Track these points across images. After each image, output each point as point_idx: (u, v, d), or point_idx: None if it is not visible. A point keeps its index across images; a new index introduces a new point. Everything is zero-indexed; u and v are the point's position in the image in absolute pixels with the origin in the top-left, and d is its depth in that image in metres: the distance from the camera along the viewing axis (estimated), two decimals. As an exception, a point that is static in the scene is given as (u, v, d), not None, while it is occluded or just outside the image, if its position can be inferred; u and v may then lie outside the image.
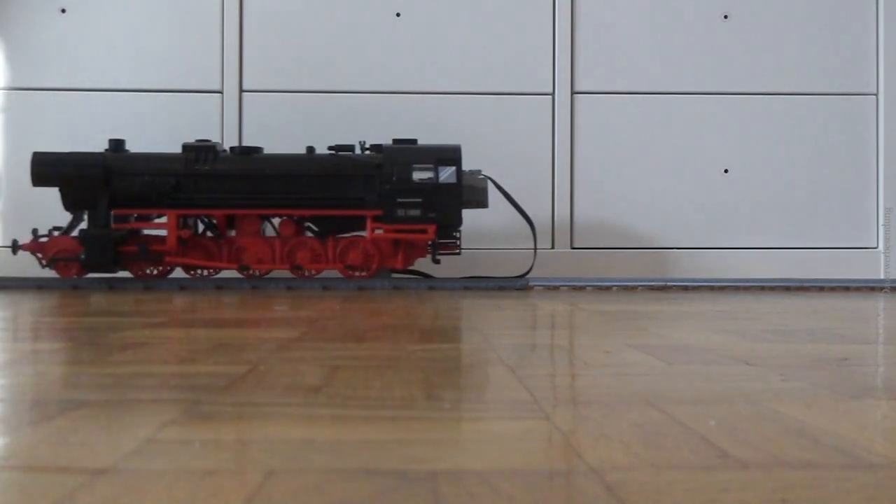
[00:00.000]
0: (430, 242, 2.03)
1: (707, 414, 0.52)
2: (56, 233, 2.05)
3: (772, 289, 2.09)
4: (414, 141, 2.05)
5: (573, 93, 2.36)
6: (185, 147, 2.03)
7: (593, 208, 2.35)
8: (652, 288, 2.08)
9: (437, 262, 2.05)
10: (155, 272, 2.07)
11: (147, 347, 0.86)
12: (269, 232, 2.17)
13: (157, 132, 2.33)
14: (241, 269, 2.05)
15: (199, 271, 2.10)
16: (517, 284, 2.06)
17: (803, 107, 2.39)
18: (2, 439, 0.45)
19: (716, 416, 0.52)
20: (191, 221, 2.09)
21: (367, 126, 2.34)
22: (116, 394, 0.59)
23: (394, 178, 1.98)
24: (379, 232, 2.01)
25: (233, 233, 2.09)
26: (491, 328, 1.07)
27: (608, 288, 2.11)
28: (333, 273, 2.15)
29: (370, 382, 0.64)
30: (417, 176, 1.98)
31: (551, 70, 2.36)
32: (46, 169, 2.00)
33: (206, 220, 2.10)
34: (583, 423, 0.50)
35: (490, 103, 2.35)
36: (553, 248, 2.34)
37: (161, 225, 2.03)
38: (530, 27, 2.36)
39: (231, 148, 2.06)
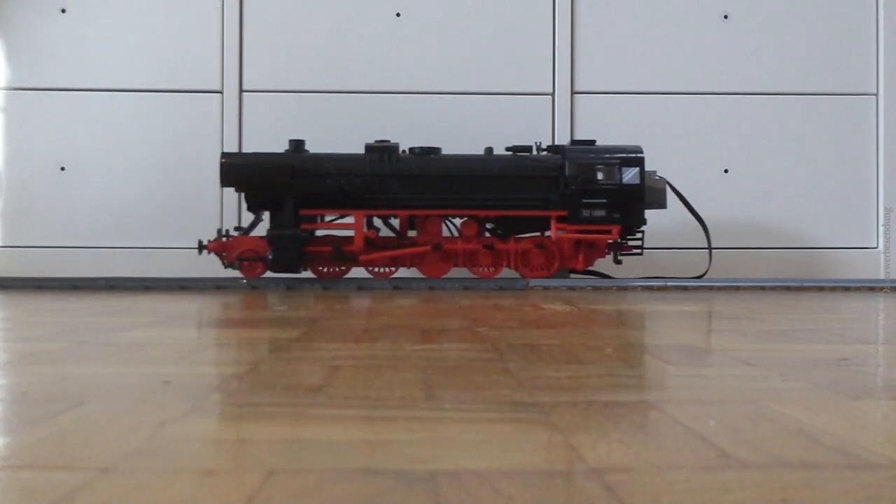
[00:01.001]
0: (611, 243, 2.05)
1: (707, 414, 0.52)
2: (236, 233, 2.06)
3: (772, 289, 2.09)
4: (592, 142, 2.07)
5: (573, 93, 2.36)
6: (369, 148, 2.05)
7: (593, 208, 2.35)
8: (650, 288, 2.08)
9: (618, 262, 2.08)
10: (335, 272, 2.09)
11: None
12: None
13: (156, 132, 2.33)
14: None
15: (381, 269, 2.11)
16: (517, 285, 2.06)
17: (803, 107, 2.39)
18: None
19: (715, 416, 0.52)
20: (374, 222, 2.11)
21: (367, 126, 2.34)
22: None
23: (578, 179, 2.00)
24: (561, 232, 2.03)
25: (412, 233, 2.12)
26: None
27: (608, 288, 2.11)
28: (510, 273, 2.18)
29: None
30: (601, 177, 2.01)
31: (551, 70, 2.36)
32: (235, 170, 2.01)
33: (386, 220, 2.12)
34: (583, 423, 0.50)
35: (490, 103, 2.36)
36: (553, 248, 2.34)
37: (345, 225, 2.04)
38: (530, 27, 2.36)
39: (410, 149, 2.08)
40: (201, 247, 2.03)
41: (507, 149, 2.08)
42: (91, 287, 2.03)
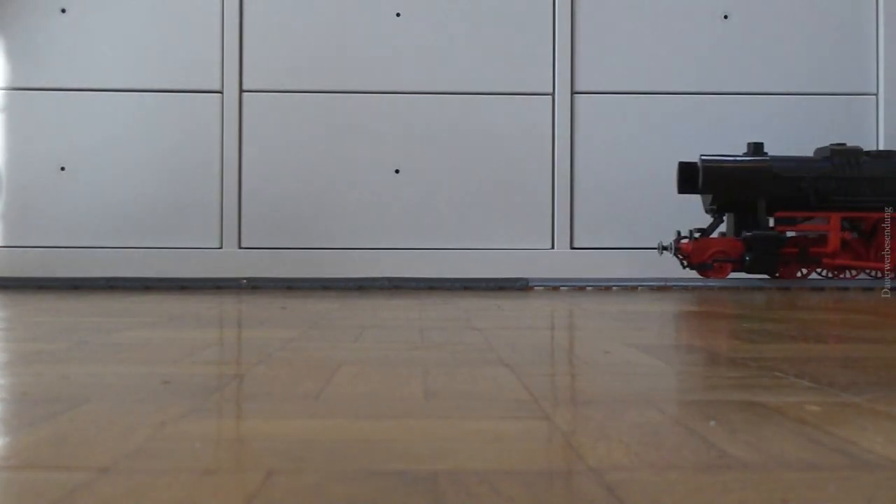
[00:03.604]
0: None
1: (707, 414, 0.52)
2: (697, 235, 2.07)
3: (774, 289, 2.09)
4: None
5: (573, 93, 2.36)
6: (833, 151, 2.06)
7: (593, 208, 2.35)
8: (652, 288, 2.08)
9: None
10: (800, 274, 2.09)
11: None
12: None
13: (156, 132, 2.33)
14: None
15: (849, 272, 2.11)
16: (517, 284, 2.06)
17: (803, 107, 2.39)
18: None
19: (713, 415, 0.52)
20: (846, 224, 2.12)
21: (367, 126, 2.34)
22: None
23: None
24: None
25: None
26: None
27: (608, 288, 2.11)
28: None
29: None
30: None
31: (551, 70, 2.36)
32: (713, 173, 2.03)
33: (854, 223, 2.12)
34: (583, 423, 0.50)
35: (490, 103, 2.35)
36: (553, 248, 2.34)
37: (813, 227, 2.05)
38: (530, 27, 2.36)
39: (867, 152, 2.09)
40: (664, 248, 2.06)
41: None
42: (91, 287, 2.03)
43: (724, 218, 2.13)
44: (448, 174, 2.35)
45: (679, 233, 2.10)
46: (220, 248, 2.32)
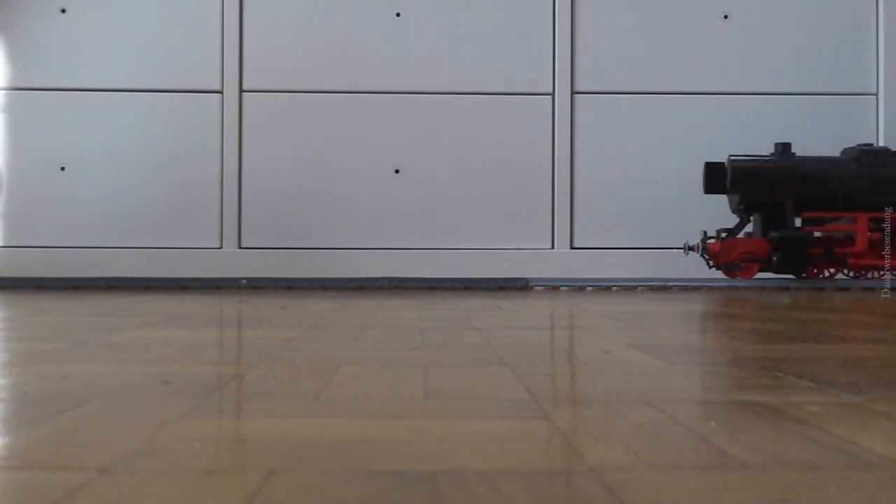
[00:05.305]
0: None
1: (707, 414, 0.52)
2: (724, 235, 2.08)
3: (781, 289, 2.09)
4: None
5: (573, 93, 2.36)
6: (862, 151, 2.06)
7: (593, 208, 2.35)
8: (652, 288, 2.08)
9: None
10: (826, 274, 2.10)
11: None
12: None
13: (156, 132, 2.33)
14: None
15: (875, 273, 2.11)
16: (517, 284, 2.06)
17: (803, 107, 2.39)
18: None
19: (713, 415, 0.52)
20: (873, 224, 2.12)
21: (367, 125, 2.34)
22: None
23: None
24: None
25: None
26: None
27: (608, 288, 2.11)
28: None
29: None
30: None
31: (551, 70, 2.36)
32: (742, 174, 2.03)
33: (881, 223, 2.12)
34: (583, 423, 0.50)
35: (490, 103, 2.35)
36: (553, 248, 2.34)
37: (841, 227, 2.05)
38: (530, 27, 2.36)
39: (893, 152, 2.09)
40: (689, 248, 2.06)
41: None
42: (91, 287, 2.03)
43: (752, 218, 2.13)
44: (448, 174, 2.35)
45: (705, 233, 2.11)
46: (220, 248, 2.32)
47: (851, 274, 2.13)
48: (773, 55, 2.39)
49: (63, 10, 2.33)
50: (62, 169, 2.32)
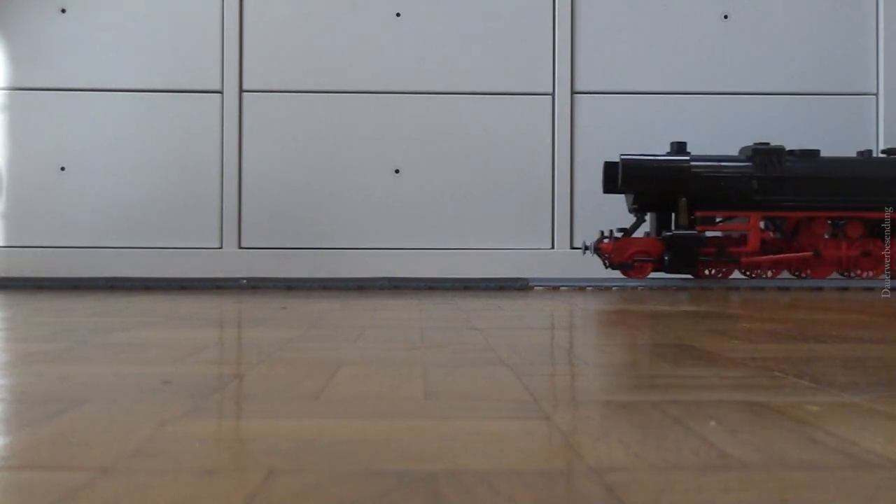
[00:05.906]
0: None
1: (707, 414, 0.52)
2: (619, 235, 2.08)
3: (780, 289, 2.09)
4: None
5: (573, 93, 2.36)
6: (756, 150, 2.06)
7: (593, 208, 2.35)
8: (652, 288, 2.08)
9: None
10: (719, 274, 2.09)
11: None
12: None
13: (156, 132, 2.33)
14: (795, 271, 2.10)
15: (760, 273, 2.11)
16: (517, 284, 2.06)
17: (803, 107, 2.39)
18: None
19: (713, 415, 0.52)
20: (767, 224, 2.12)
21: (367, 126, 2.34)
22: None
23: None
24: None
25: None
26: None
27: (608, 288, 2.11)
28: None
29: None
30: None
31: (551, 70, 2.36)
32: (632, 172, 2.03)
33: (774, 222, 2.12)
34: (583, 423, 0.49)
35: (490, 103, 2.36)
36: (553, 248, 2.34)
37: (734, 227, 2.06)
38: (530, 27, 2.36)
39: (790, 151, 2.09)
40: (586, 247, 2.06)
41: (883, 151, 2.13)
42: (91, 287, 2.03)
43: (647, 218, 2.13)
44: (448, 174, 2.35)
45: (602, 232, 2.10)
46: (220, 248, 2.32)
47: (747, 273, 2.12)
48: (773, 55, 2.39)
49: (63, 10, 2.33)
50: (62, 169, 2.32)
